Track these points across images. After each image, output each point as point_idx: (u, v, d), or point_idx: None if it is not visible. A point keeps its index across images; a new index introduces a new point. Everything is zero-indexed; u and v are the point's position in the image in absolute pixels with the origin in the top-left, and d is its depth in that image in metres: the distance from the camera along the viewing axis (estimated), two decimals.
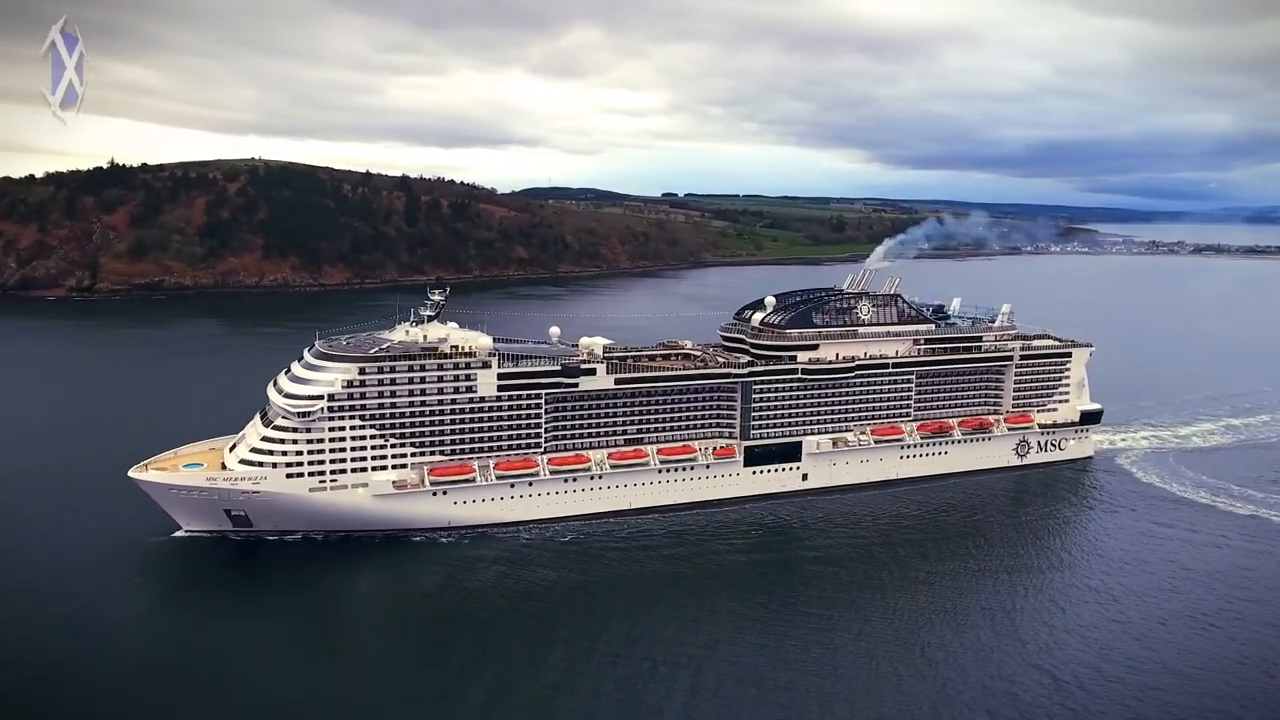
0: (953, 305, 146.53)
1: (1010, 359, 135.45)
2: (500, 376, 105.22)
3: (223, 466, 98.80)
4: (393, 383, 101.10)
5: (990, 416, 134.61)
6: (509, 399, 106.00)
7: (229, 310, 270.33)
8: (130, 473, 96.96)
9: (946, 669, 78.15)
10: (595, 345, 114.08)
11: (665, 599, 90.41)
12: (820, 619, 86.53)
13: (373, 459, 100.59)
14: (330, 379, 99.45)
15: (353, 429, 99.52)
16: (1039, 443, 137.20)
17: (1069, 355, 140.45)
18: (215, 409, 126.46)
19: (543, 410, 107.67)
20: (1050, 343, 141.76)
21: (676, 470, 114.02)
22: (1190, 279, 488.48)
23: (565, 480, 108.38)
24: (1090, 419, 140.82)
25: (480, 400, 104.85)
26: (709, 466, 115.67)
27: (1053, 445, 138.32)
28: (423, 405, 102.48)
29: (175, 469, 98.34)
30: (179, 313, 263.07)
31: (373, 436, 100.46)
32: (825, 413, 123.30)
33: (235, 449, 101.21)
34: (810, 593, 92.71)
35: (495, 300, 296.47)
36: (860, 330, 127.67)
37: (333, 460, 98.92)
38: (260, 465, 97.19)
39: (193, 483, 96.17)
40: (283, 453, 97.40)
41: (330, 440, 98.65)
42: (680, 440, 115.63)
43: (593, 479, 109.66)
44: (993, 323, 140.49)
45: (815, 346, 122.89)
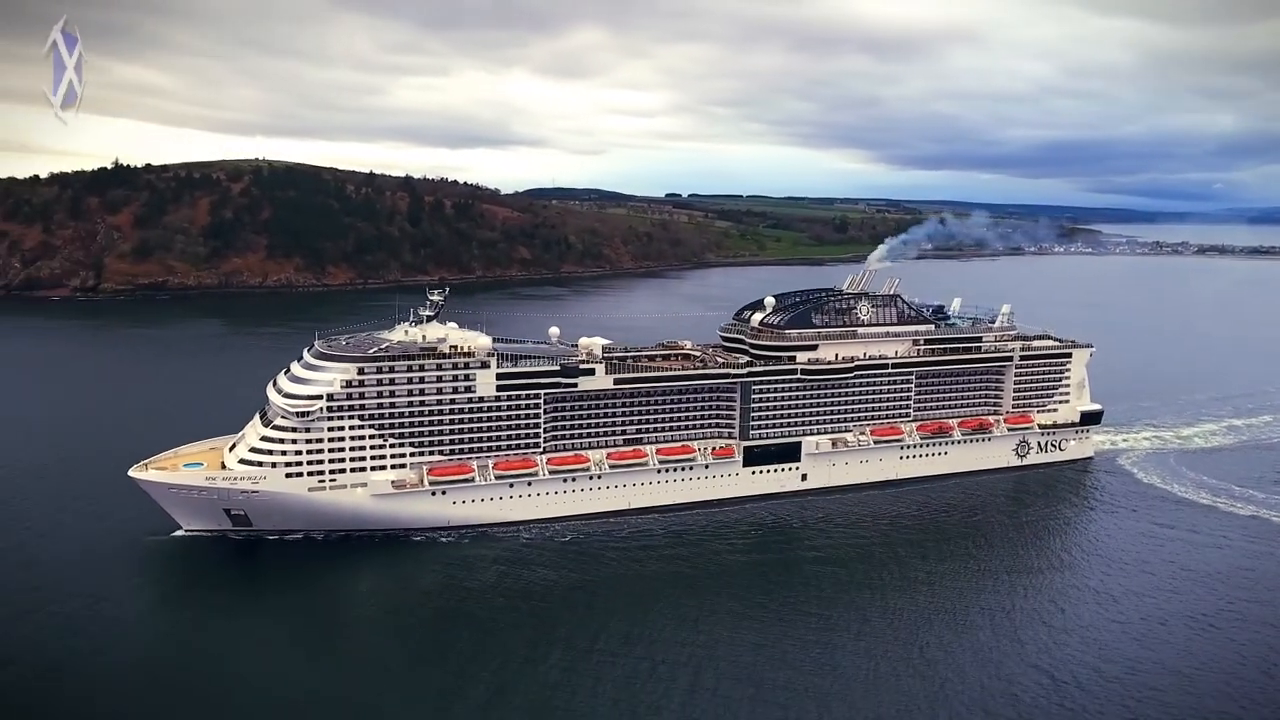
0: (953, 306, 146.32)
1: (1010, 359, 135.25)
2: (499, 376, 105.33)
3: (222, 466, 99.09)
4: (391, 383, 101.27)
5: (990, 417, 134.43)
6: (508, 399, 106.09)
7: (232, 310, 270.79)
8: (130, 472, 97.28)
9: (945, 669, 78.10)
10: (594, 345, 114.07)
11: (665, 599, 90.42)
12: (819, 619, 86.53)
13: (372, 459, 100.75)
14: (329, 379, 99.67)
15: (352, 429, 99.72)
16: (1039, 443, 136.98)
17: (1069, 356, 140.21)
18: (216, 409, 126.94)
19: (541, 410, 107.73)
20: (1050, 343, 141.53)
21: (675, 470, 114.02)
22: (1194, 279, 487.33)
23: (564, 480, 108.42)
24: (1090, 419, 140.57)
25: (479, 400, 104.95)
26: (708, 467, 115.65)
27: (1053, 446, 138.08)
28: (421, 405, 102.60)
29: (175, 468, 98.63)
30: (182, 313, 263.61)
31: (372, 436, 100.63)
32: (825, 413, 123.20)
33: (235, 449, 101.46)
34: (809, 593, 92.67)
35: (498, 301, 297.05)
36: (860, 331, 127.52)
37: (332, 460, 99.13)
38: (259, 465, 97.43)
39: (192, 482, 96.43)
40: (282, 452, 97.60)
41: (329, 440, 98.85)
42: (679, 440, 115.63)
43: (592, 479, 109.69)
44: (993, 323, 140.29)
45: (814, 347, 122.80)
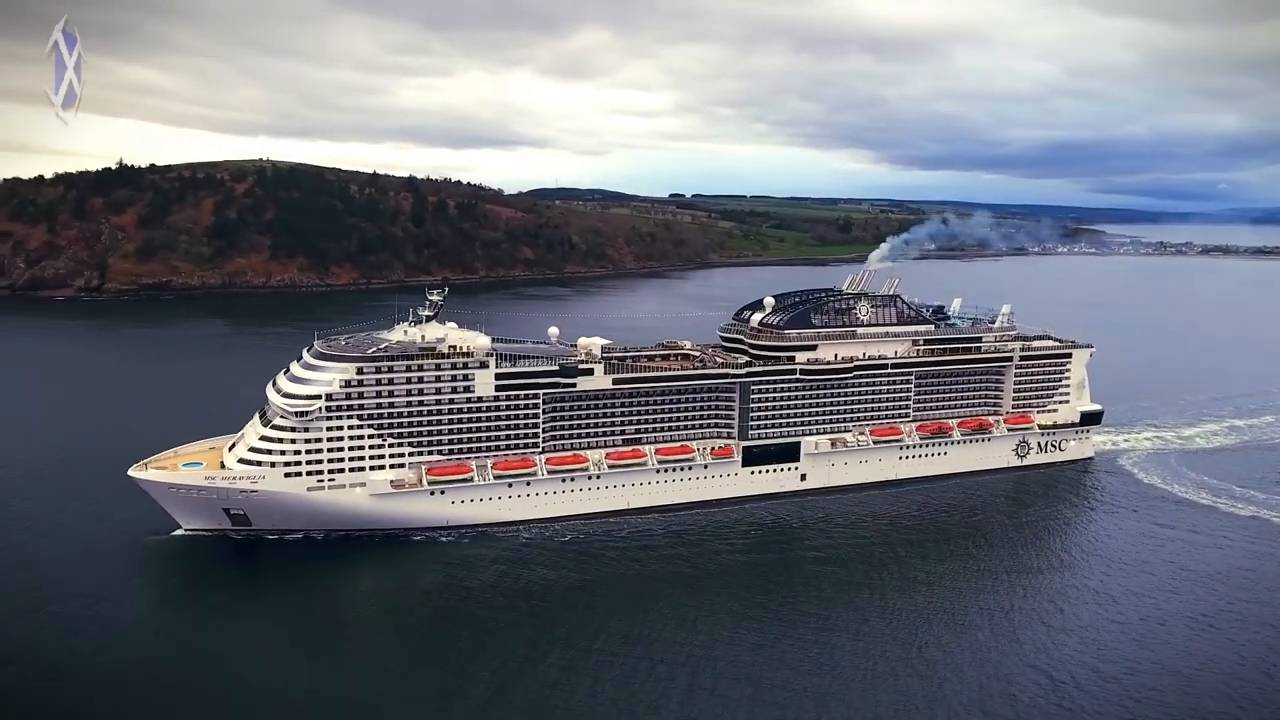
0: (953, 306, 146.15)
1: (1010, 360, 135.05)
2: (498, 376, 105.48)
3: (222, 466, 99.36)
4: (390, 383, 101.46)
5: (990, 417, 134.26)
6: (507, 399, 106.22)
7: (236, 310, 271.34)
8: (130, 471, 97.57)
9: (944, 669, 78.11)
10: (593, 345, 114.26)
11: (664, 598, 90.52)
12: (818, 619, 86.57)
13: (370, 458, 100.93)
14: (328, 379, 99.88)
15: (350, 429, 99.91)
16: (1039, 443, 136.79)
17: (1069, 356, 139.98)
18: (217, 408, 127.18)
19: (540, 410, 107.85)
20: (1050, 343, 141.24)
21: (674, 470, 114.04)
22: (1198, 280, 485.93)
23: (563, 480, 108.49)
24: (1091, 420, 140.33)
25: (478, 400, 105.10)
26: (707, 467, 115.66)
27: (1053, 446, 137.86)
28: (420, 405, 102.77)
29: (175, 468, 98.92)
30: (186, 313, 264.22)
31: (370, 436, 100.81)
32: (824, 413, 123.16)
33: (234, 448, 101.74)
34: (809, 592, 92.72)
35: (501, 301, 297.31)
36: (859, 331, 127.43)
37: (330, 460, 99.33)
38: (258, 464, 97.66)
39: (191, 482, 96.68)
40: (281, 452, 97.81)
41: (328, 440, 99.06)
42: (678, 440, 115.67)
43: (590, 479, 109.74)
44: (993, 323, 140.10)
45: (814, 347, 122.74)
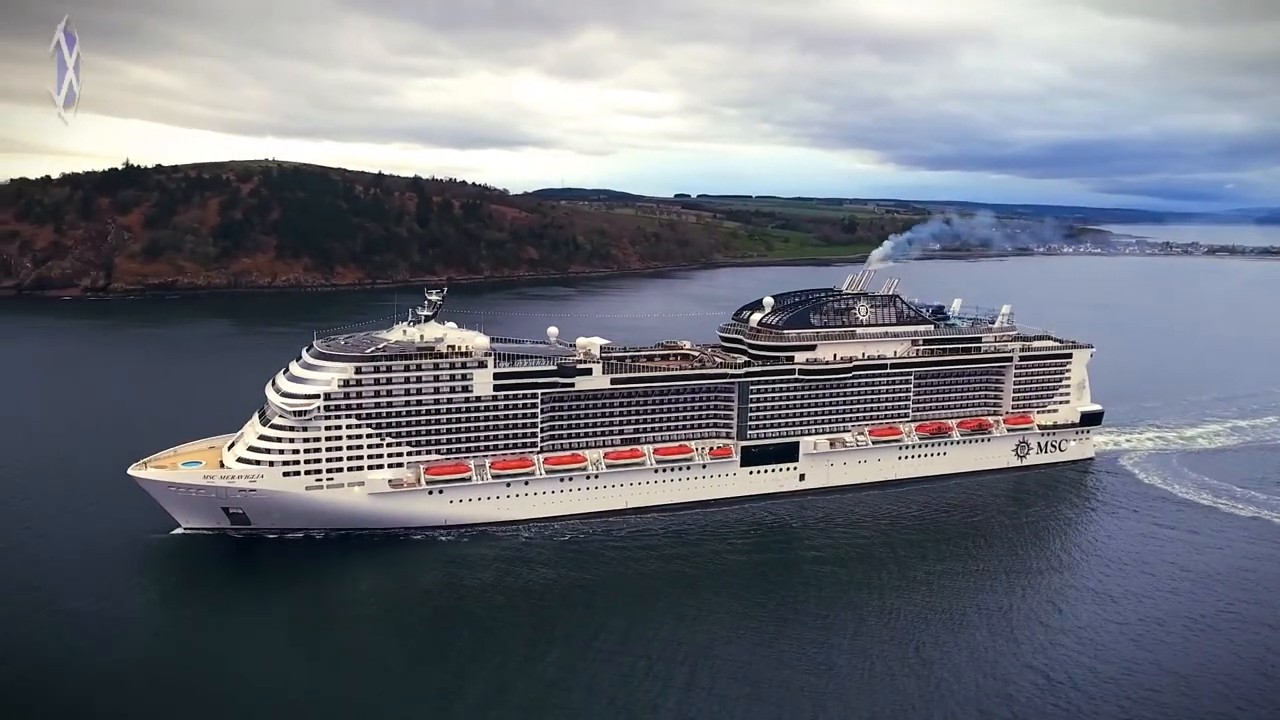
0: (953, 306, 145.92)
1: (1010, 360, 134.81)
2: (496, 376, 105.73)
3: (221, 465, 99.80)
4: (389, 382, 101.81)
5: (990, 417, 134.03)
6: (505, 398, 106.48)
7: (241, 310, 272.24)
8: (130, 470, 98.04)
9: (941, 668, 78.18)
10: (592, 345, 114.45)
11: (663, 597, 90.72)
12: (817, 618, 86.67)
13: (369, 458, 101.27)
14: (327, 378, 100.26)
15: (349, 428, 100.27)
16: (1039, 444, 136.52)
17: (1069, 356, 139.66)
18: (219, 407, 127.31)
19: (539, 410, 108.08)
20: (1050, 344, 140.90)
21: (673, 470, 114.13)
22: (1203, 280, 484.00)
23: (561, 480, 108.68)
24: (1091, 420, 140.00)
25: (476, 400, 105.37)
26: (705, 466, 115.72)
27: (1053, 446, 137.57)
28: (419, 404, 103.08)
29: (174, 467, 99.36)
30: (192, 313, 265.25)
31: (369, 435, 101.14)
32: (823, 413, 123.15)
33: (234, 448, 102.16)
34: (808, 592, 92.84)
35: (505, 301, 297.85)
36: (858, 331, 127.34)
37: (329, 459, 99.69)
38: (257, 464, 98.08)
39: (190, 481, 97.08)
40: (279, 451, 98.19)
41: (326, 439, 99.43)
42: (677, 440, 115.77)
43: (589, 478, 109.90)
44: (992, 324, 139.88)
45: (813, 347, 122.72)
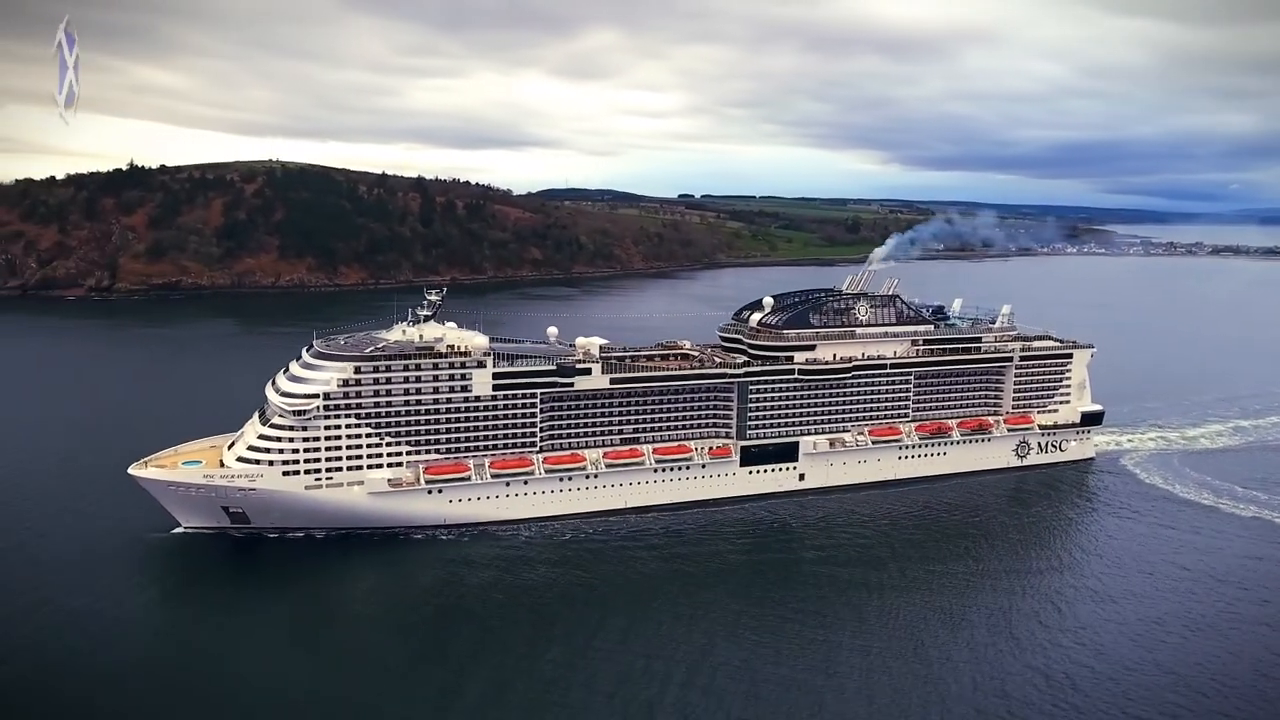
0: (953, 306, 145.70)
1: (1010, 360, 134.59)
2: (495, 376, 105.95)
3: (221, 464, 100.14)
4: (388, 382, 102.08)
5: (990, 417, 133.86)
6: (504, 398, 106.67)
7: (245, 310, 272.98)
8: (130, 470, 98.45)
9: (940, 667, 78.25)
10: (591, 345, 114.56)
11: (662, 597, 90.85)
12: (816, 618, 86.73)
13: (368, 457, 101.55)
14: (326, 378, 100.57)
15: (348, 427, 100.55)
16: (1039, 444, 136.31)
17: (1070, 356, 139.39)
18: (220, 407, 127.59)
19: (538, 410, 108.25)
20: (1051, 344, 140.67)
21: (672, 470, 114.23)
22: (1207, 280, 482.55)
23: (560, 479, 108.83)
24: (1091, 420, 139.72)
25: (475, 399, 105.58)
26: (705, 466, 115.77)
27: (1053, 446, 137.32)
28: (418, 404, 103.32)
29: (174, 466, 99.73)
30: (195, 312, 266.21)
31: (368, 435, 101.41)
32: (822, 413, 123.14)
33: (234, 447, 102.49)
34: (807, 592, 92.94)
35: (508, 301, 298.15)
36: (858, 331, 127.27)
37: (328, 458, 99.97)
38: (257, 463, 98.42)
39: (190, 480, 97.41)
40: (279, 450, 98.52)
41: (326, 438, 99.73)
42: (676, 440, 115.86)
43: (588, 478, 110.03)
44: (993, 324, 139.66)
45: (812, 347, 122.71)
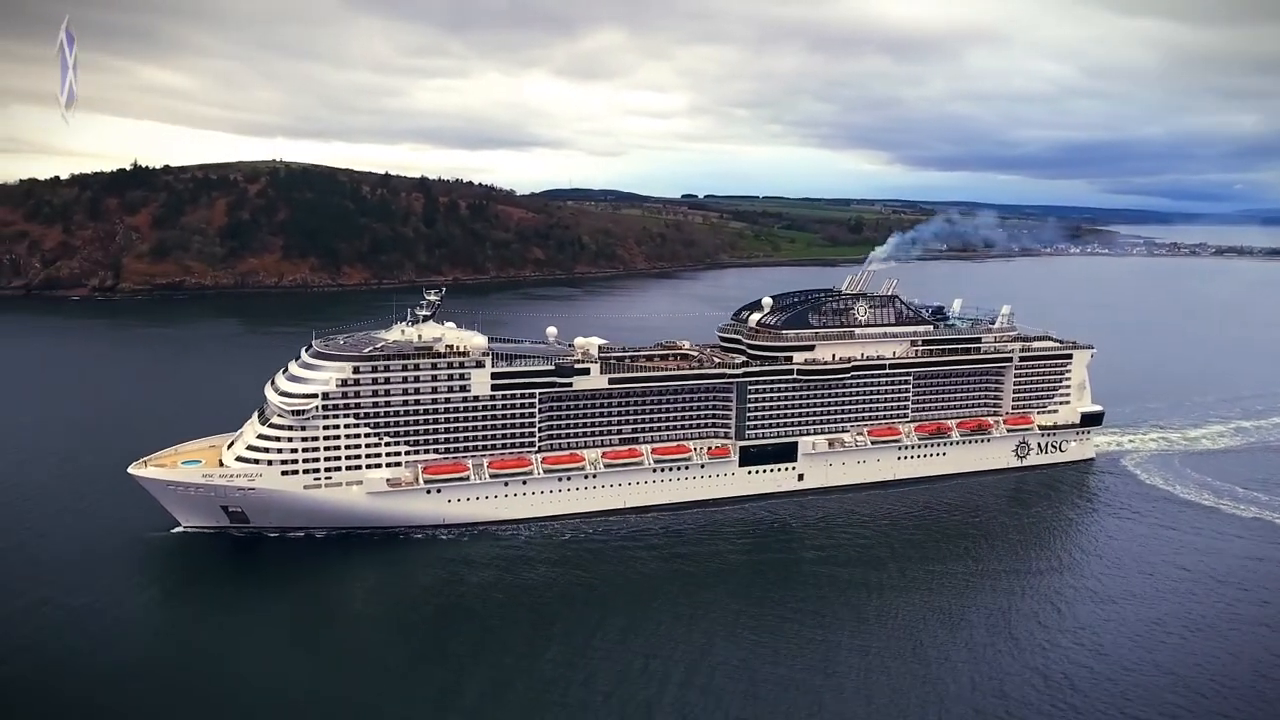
0: (953, 306, 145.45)
1: (1010, 360, 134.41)
2: (494, 376, 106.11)
3: (220, 464, 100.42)
4: (386, 381, 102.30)
5: (989, 418, 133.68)
6: (503, 398, 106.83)
7: (248, 310, 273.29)
8: (130, 469, 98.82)
9: (939, 667, 78.36)
10: (590, 345, 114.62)
11: (662, 596, 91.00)
12: (815, 617, 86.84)
13: (367, 457, 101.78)
14: (325, 378, 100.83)
15: (347, 427, 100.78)
16: (1039, 444, 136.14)
17: (1070, 357, 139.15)
18: (222, 407, 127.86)
19: (536, 410, 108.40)
20: (1051, 344, 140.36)
21: (671, 470, 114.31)
22: (1210, 281, 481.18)
23: (559, 479, 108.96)
24: (1091, 421, 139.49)
25: (474, 399, 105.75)
26: (704, 466, 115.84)
27: (1053, 447, 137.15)
28: (416, 404, 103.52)
29: (174, 466, 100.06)
30: (199, 312, 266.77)
31: (367, 435, 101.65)
32: (821, 413, 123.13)
33: (234, 446, 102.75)
34: (806, 592, 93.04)
35: (511, 301, 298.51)
36: (857, 331, 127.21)
37: (327, 458, 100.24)
38: (256, 463, 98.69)
39: (189, 479, 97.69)
40: (278, 450, 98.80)
41: (325, 438, 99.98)
42: (675, 440, 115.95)
43: (587, 478, 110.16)
44: (992, 324, 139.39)
45: (811, 347, 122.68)
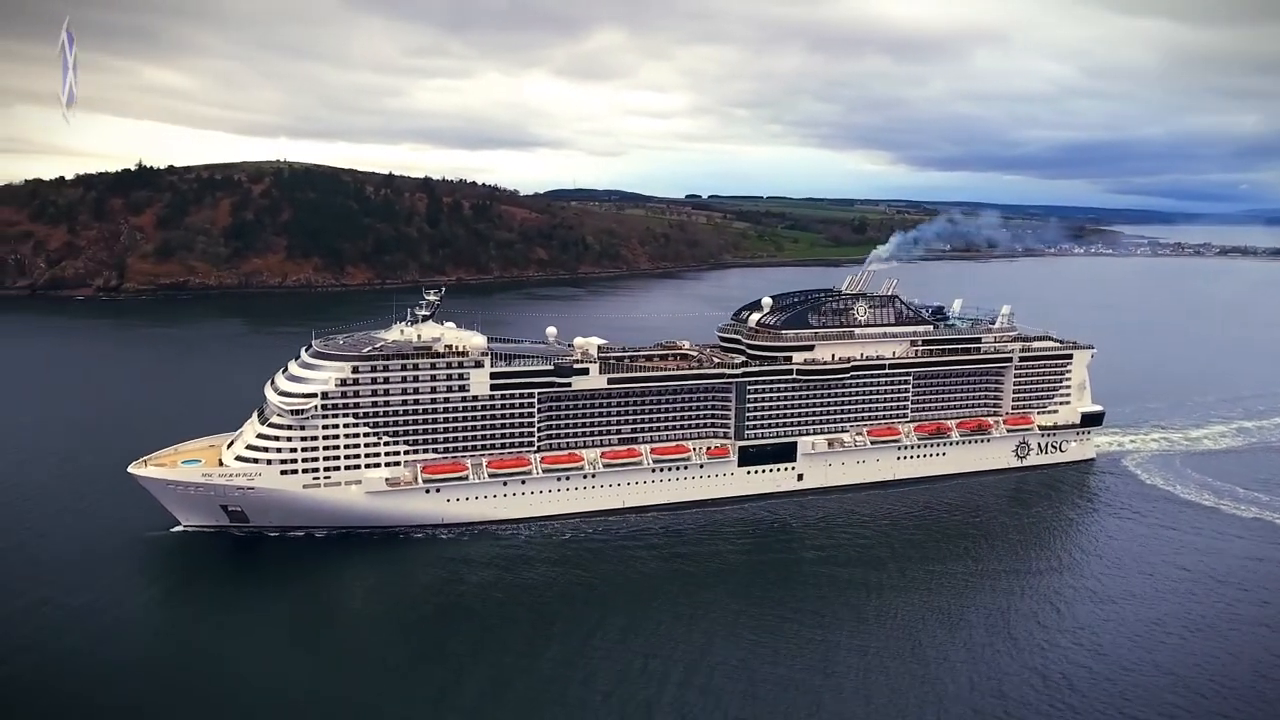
0: (953, 306, 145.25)
1: (1010, 360, 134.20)
2: (493, 376, 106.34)
3: (220, 463, 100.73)
4: (385, 381, 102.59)
5: (989, 418, 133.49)
6: (502, 398, 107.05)
7: (252, 310, 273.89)
8: (130, 468, 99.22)
9: (937, 667, 78.43)
10: (590, 345, 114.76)
11: (661, 596, 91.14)
12: (815, 617, 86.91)
13: (366, 456, 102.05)
14: (324, 377, 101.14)
15: (346, 427, 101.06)
16: (1039, 444, 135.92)
17: (1070, 357, 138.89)
18: (226, 406, 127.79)
19: (535, 409, 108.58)
20: (1051, 344, 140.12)
21: (670, 470, 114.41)
22: (1214, 281, 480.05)
23: (558, 479, 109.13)
24: (1092, 421, 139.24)
25: (473, 399, 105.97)
26: (703, 466, 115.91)
27: (1053, 447, 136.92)
28: (415, 404, 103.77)
29: (174, 465, 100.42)
30: (203, 312, 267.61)
31: (366, 434, 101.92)
32: (820, 413, 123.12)
33: (233, 446, 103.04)
34: (806, 592, 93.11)
35: (514, 301, 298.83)
36: (857, 331, 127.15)
37: (326, 457, 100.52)
38: (255, 462, 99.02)
39: (189, 479, 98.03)
40: (277, 450, 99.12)
41: (324, 438, 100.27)
42: (674, 440, 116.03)
43: (586, 478, 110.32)
44: (993, 324, 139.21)
45: (811, 347, 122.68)
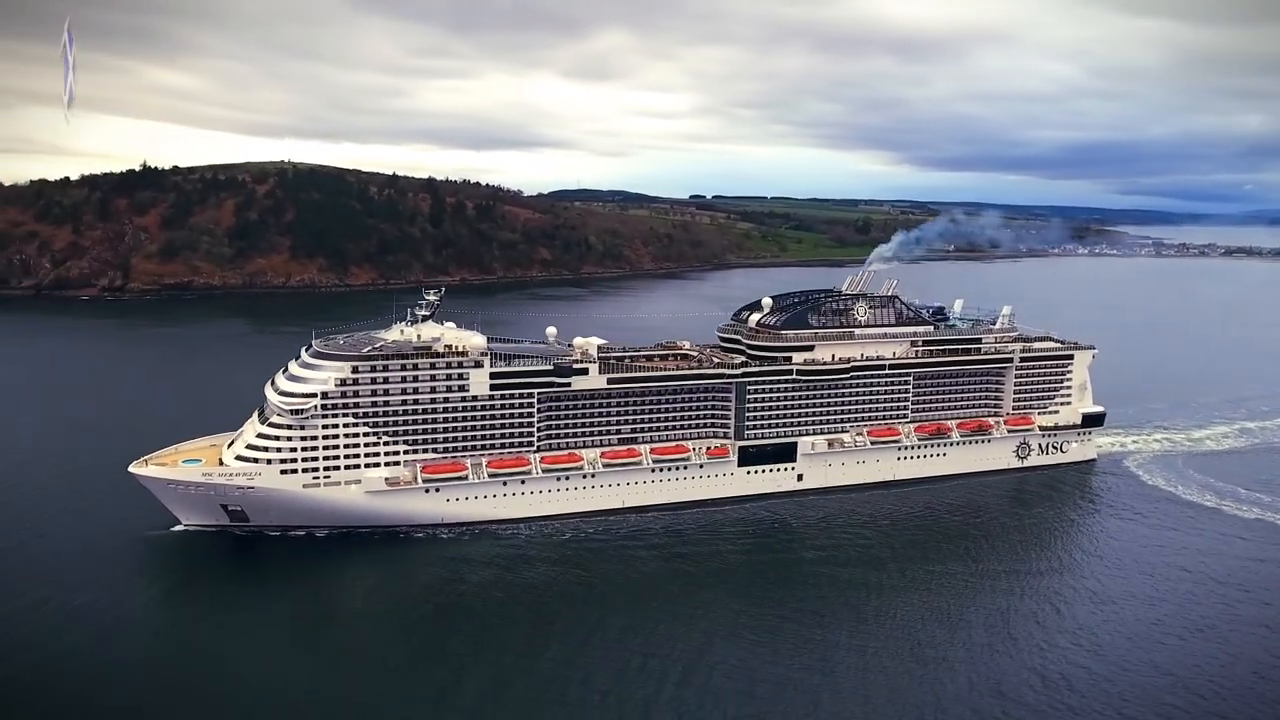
0: (954, 307, 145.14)
1: (1010, 361, 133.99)
2: (493, 376, 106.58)
3: (220, 463, 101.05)
4: (385, 381, 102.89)
5: (990, 418, 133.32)
6: (501, 398, 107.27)
7: (256, 310, 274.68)
8: (130, 468, 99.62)
9: (936, 667, 78.49)
10: (589, 345, 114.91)
11: (661, 596, 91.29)
12: (814, 617, 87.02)
13: (366, 456, 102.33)
14: (324, 377, 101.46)
15: (346, 426, 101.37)
16: (1040, 445, 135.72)
17: (1070, 357, 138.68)
18: (229, 406, 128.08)
19: (535, 409, 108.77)
20: (1052, 345, 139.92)
21: (670, 470, 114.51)
22: (1218, 281, 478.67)
23: (558, 479, 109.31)
24: (1093, 422, 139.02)
25: (473, 399, 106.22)
26: (702, 466, 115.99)
27: (1054, 448, 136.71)
28: (415, 404, 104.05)
29: (175, 465, 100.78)
30: (207, 312, 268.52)
31: (366, 434, 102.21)
32: (820, 414, 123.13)
33: (234, 445, 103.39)
34: (806, 592, 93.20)
35: (517, 301, 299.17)
36: (857, 332, 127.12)
37: (326, 457, 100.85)
38: (255, 461, 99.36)
39: (189, 478, 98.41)
40: (277, 449, 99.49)
41: (324, 437, 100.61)
42: (674, 440, 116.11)
43: (585, 478, 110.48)
44: (993, 325, 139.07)
45: (811, 348, 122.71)
